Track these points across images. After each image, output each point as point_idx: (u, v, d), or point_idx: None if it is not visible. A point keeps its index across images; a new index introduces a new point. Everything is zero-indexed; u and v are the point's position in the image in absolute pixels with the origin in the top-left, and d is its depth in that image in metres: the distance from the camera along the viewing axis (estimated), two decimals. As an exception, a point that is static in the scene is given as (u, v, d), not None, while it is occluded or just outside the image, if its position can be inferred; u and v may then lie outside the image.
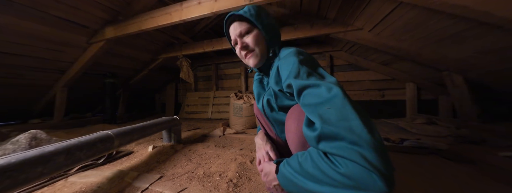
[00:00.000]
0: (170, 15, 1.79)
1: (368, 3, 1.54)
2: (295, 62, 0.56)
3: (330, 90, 0.45)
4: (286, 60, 0.60)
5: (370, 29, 1.89)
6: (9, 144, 1.22)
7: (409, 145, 1.46)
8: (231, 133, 2.17)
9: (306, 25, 2.17)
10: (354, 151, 0.36)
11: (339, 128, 0.39)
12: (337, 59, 3.22)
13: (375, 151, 0.35)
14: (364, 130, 0.38)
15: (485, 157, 1.25)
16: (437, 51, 1.70)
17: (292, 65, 0.56)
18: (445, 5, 1.11)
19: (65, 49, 2.17)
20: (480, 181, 0.90)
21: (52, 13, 1.77)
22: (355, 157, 0.36)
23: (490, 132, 1.63)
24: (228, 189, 0.91)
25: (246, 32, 0.72)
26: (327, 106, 0.43)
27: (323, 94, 0.45)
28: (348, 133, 0.38)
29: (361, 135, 0.37)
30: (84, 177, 1.06)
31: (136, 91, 3.94)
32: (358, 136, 0.37)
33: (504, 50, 1.31)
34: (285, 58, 0.61)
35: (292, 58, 0.58)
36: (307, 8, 2.10)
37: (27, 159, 0.63)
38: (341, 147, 0.38)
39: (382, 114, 3.04)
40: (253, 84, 0.93)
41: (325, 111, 0.42)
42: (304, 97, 0.49)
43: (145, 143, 1.76)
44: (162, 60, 3.27)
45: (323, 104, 0.44)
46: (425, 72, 2.29)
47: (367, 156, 0.35)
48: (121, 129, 1.11)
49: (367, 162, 0.35)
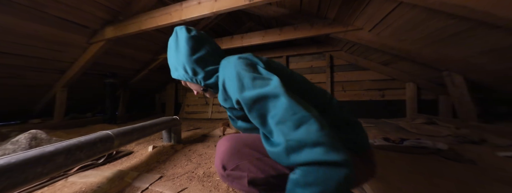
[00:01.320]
0: (170, 15, 1.79)
1: (368, 3, 1.54)
2: (234, 74, 0.52)
3: (277, 99, 0.44)
4: (227, 75, 0.55)
5: (370, 29, 1.89)
6: (9, 144, 1.22)
7: (409, 145, 1.45)
8: (231, 133, 2.17)
9: (306, 25, 2.17)
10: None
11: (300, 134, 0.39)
12: (337, 59, 3.22)
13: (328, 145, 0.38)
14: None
15: (485, 157, 1.25)
16: (437, 51, 1.70)
17: (234, 79, 0.51)
18: (445, 5, 1.11)
19: (65, 49, 2.17)
20: (480, 181, 0.90)
21: (52, 13, 1.77)
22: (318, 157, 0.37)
23: (490, 132, 1.63)
24: (228, 189, 0.91)
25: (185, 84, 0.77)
26: (279, 117, 0.42)
27: (271, 108, 0.44)
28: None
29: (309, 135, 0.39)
30: (84, 177, 1.06)
31: (136, 91, 3.94)
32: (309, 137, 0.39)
33: (504, 50, 1.31)
34: (225, 71, 0.57)
35: (232, 71, 0.53)
36: (307, 8, 2.10)
37: (27, 159, 0.63)
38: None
39: (382, 114, 3.04)
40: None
41: (281, 124, 0.42)
42: (253, 113, 0.47)
43: (145, 143, 1.76)
44: (162, 60, 3.27)
45: (275, 116, 0.43)
46: (425, 72, 2.29)
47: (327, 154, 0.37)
48: (121, 129, 1.11)
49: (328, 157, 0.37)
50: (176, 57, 0.68)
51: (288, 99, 0.43)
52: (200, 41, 0.68)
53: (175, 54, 0.69)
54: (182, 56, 0.66)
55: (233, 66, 0.54)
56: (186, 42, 0.66)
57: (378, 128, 2.28)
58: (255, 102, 0.46)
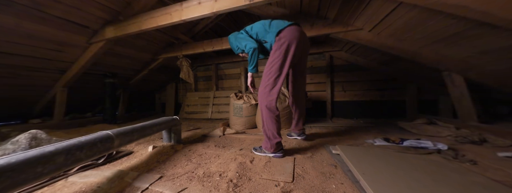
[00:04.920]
0: (170, 15, 1.79)
1: (368, 3, 1.54)
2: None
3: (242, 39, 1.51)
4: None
5: (370, 29, 1.89)
6: (9, 144, 1.22)
7: (409, 145, 1.46)
8: (231, 133, 2.17)
9: (306, 25, 2.17)
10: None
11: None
12: (337, 59, 3.22)
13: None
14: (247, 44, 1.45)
15: (485, 157, 1.25)
16: (437, 51, 1.70)
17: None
18: (445, 5, 1.11)
19: (65, 49, 2.17)
20: (480, 181, 0.90)
21: (52, 13, 1.77)
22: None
23: (490, 132, 1.63)
24: (228, 189, 0.91)
25: None
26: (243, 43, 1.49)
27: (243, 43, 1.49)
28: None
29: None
30: (84, 177, 1.06)
31: (136, 91, 3.94)
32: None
33: (504, 50, 1.31)
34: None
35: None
36: (307, 8, 2.10)
37: (27, 159, 0.63)
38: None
39: (382, 114, 3.04)
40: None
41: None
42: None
43: (145, 143, 1.76)
44: (162, 60, 3.27)
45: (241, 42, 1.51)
46: (425, 72, 2.29)
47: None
48: (121, 129, 1.11)
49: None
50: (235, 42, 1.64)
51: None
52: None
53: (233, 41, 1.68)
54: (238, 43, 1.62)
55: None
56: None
57: (378, 128, 2.28)
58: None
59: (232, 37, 1.62)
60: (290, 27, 1.36)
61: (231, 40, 1.62)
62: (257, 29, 1.48)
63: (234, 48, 1.61)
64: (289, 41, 1.31)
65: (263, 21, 1.51)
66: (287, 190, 0.89)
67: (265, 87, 1.33)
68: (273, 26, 1.41)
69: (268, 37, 1.43)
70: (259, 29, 1.48)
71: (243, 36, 1.51)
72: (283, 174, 1.05)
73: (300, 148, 1.56)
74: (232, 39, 1.61)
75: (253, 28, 1.52)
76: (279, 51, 1.32)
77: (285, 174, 1.06)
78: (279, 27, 1.37)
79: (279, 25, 1.39)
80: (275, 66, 1.32)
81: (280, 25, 1.39)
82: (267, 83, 1.33)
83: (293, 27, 1.37)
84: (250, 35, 1.51)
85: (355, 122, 2.80)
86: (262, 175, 1.06)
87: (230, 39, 1.63)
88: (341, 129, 2.27)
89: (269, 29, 1.42)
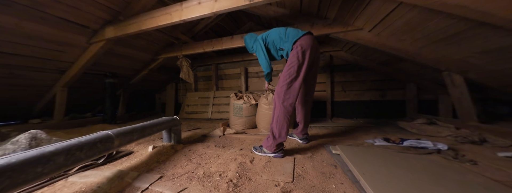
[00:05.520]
0: (170, 15, 1.79)
1: (368, 3, 1.54)
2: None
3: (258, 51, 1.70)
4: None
5: (370, 29, 1.89)
6: (9, 144, 1.21)
7: (409, 145, 1.46)
8: (231, 133, 2.17)
9: (306, 25, 2.17)
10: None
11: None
12: (337, 59, 3.22)
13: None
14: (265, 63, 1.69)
15: (485, 157, 1.25)
16: (437, 51, 1.70)
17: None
18: (445, 5, 1.11)
19: (65, 49, 2.17)
20: (480, 181, 0.90)
21: (52, 13, 1.77)
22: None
23: (490, 132, 1.63)
24: (228, 189, 0.91)
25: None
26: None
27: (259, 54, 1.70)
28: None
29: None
30: (84, 177, 1.06)
31: (136, 91, 3.94)
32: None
33: (504, 50, 1.31)
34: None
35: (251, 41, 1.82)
36: (307, 8, 2.10)
37: (27, 159, 0.63)
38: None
39: (382, 114, 3.04)
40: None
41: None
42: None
43: (145, 143, 1.76)
44: (162, 60, 3.27)
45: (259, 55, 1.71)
46: (425, 72, 2.29)
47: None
48: (121, 129, 1.11)
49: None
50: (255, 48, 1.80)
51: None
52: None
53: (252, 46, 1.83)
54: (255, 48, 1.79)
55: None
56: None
57: (378, 128, 2.28)
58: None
59: (248, 38, 1.83)
60: (305, 36, 1.47)
61: (247, 41, 1.82)
62: (273, 38, 1.61)
63: (249, 48, 1.83)
64: (305, 48, 1.41)
65: (278, 29, 1.63)
66: (287, 190, 0.89)
67: (282, 87, 1.41)
68: (289, 36, 1.53)
69: (285, 46, 1.54)
70: (275, 38, 1.60)
71: (260, 49, 1.66)
72: (283, 174, 1.05)
73: (300, 148, 1.56)
74: (248, 40, 1.81)
75: (269, 36, 1.65)
76: (297, 55, 1.40)
77: (285, 174, 1.06)
78: (295, 37, 1.48)
79: (295, 35, 1.50)
80: (293, 68, 1.40)
81: (295, 35, 1.50)
82: (283, 83, 1.40)
83: (308, 36, 1.48)
84: (266, 43, 1.66)
85: (355, 122, 2.80)
86: (262, 175, 1.06)
87: (246, 39, 1.84)
88: (341, 129, 2.27)
89: (286, 39, 1.54)
